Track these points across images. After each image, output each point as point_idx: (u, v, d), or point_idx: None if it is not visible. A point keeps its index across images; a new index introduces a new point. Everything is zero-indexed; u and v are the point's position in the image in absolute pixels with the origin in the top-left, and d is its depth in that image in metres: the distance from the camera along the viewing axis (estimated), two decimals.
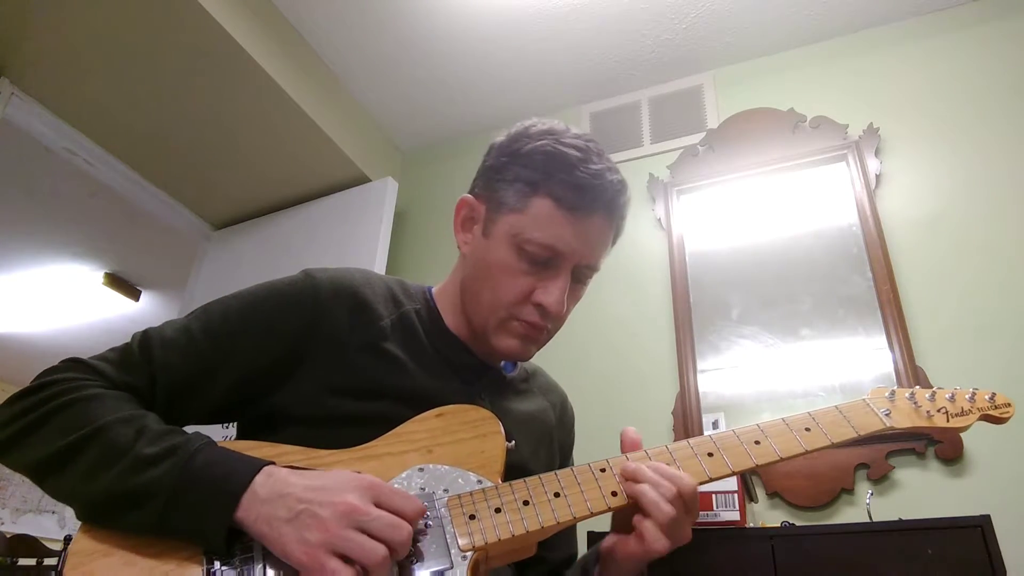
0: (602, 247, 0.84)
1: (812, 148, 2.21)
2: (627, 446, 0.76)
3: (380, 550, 0.57)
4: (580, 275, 0.84)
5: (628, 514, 0.70)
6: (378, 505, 0.60)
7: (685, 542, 0.70)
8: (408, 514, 0.60)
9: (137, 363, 0.74)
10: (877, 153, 2.12)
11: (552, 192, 0.79)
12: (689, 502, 0.68)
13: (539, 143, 0.81)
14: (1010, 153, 1.97)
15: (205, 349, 0.76)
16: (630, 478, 0.70)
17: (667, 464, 0.71)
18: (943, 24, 2.25)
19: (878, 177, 2.09)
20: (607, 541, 0.75)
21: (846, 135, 2.19)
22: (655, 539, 0.67)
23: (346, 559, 0.56)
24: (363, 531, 0.57)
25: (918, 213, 2.01)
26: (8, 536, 2.98)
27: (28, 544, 2.97)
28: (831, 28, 2.37)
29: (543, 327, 0.82)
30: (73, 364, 0.73)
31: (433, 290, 0.93)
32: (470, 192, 0.88)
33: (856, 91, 2.27)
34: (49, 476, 0.66)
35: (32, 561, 2.98)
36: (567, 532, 0.96)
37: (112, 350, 0.76)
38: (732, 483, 1.47)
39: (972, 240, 1.91)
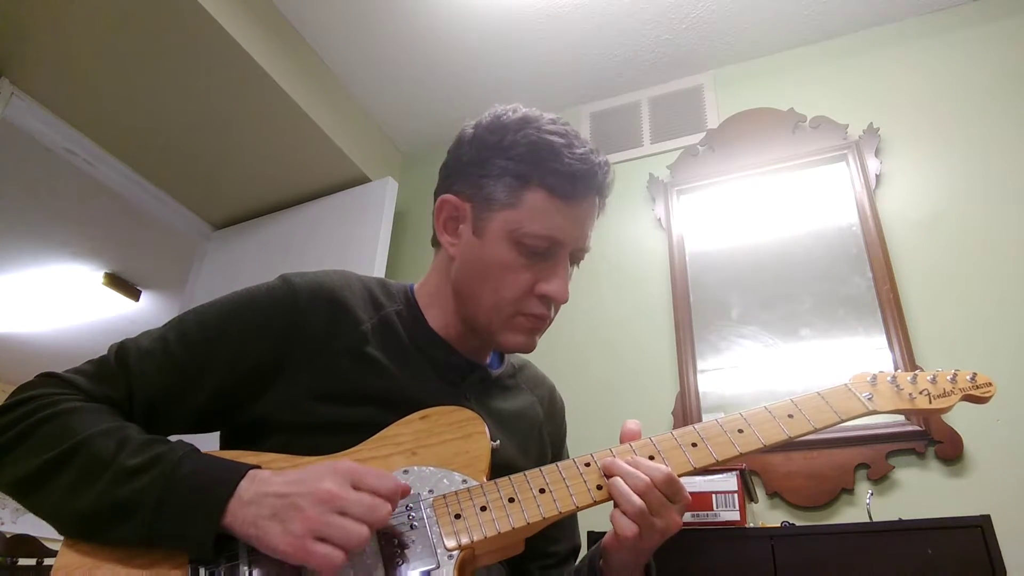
0: (592, 228, 0.85)
1: (812, 148, 2.21)
2: (625, 437, 0.76)
3: (362, 531, 0.58)
4: (575, 258, 0.85)
5: None
6: (356, 487, 0.60)
7: (674, 531, 0.69)
8: (384, 492, 0.61)
9: (114, 375, 0.73)
10: (877, 153, 2.12)
11: (544, 183, 0.78)
12: (667, 491, 0.68)
13: (520, 134, 0.80)
14: (1010, 153, 1.97)
15: (182, 358, 0.74)
16: (607, 473, 0.70)
17: (651, 456, 0.72)
18: (943, 24, 2.25)
19: (878, 177, 2.09)
20: (605, 538, 0.75)
21: (846, 135, 2.19)
22: (624, 527, 0.67)
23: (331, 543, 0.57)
24: (343, 514, 0.58)
25: (918, 213, 2.01)
26: (8, 536, 2.98)
27: (28, 544, 2.97)
28: (831, 28, 2.37)
29: (547, 317, 0.82)
30: (49, 379, 0.72)
31: (414, 288, 0.91)
32: (448, 191, 0.85)
33: (856, 91, 2.27)
34: (31, 493, 0.65)
35: (32, 561, 2.97)
36: (569, 524, 0.96)
37: (89, 363, 0.75)
38: (732, 483, 1.47)
39: (972, 240, 1.91)
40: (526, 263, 0.79)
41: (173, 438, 0.70)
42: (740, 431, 0.75)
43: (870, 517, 1.56)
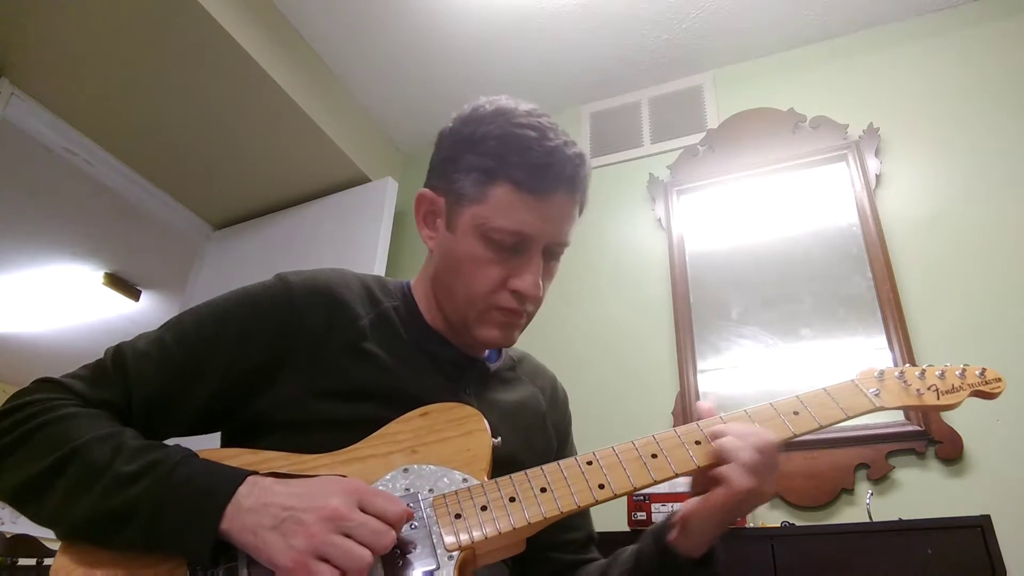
0: (569, 223, 0.82)
1: (812, 148, 2.21)
2: (703, 416, 0.76)
3: (365, 555, 0.56)
4: (551, 253, 0.82)
5: (707, 478, 0.70)
6: (363, 509, 0.59)
7: (770, 498, 0.70)
8: (392, 517, 0.60)
9: (111, 378, 0.72)
10: (877, 153, 2.12)
11: (510, 177, 0.77)
12: (773, 456, 0.69)
13: (490, 127, 0.79)
14: (1010, 153, 1.97)
15: (180, 360, 0.74)
16: (715, 436, 0.70)
17: (655, 454, 0.71)
18: (943, 24, 2.25)
19: (878, 177, 2.09)
20: (685, 506, 0.73)
21: (846, 135, 2.19)
22: (740, 479, 0.66)
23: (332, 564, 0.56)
24: (348, 536, 0.57)
25: (918, 213, 2.01)
26: (8, 536, 2.97)
27: (28, 544, 2.97)
28: (831, 28, 2.37)
29: (522, 312, 0.81)
30: (45, 384, 0.71)
31: (411, 284, 0.91)
32: (427, 186, 0.86)
33: (856, 91, 2.27)
34: (28, 501, 0.64)
35: (32, 561, 2.97)
36: (584, 514, 0.95)
37: (85, 367, 0.74)
38: None
39: (972, 240, 1.91)
40: (495, 258, 0.78)
41: (172, 440, 0.70)
42: None
43: (870, 517, 1.56)
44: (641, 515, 1.55)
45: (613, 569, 0.83)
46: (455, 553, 0.62)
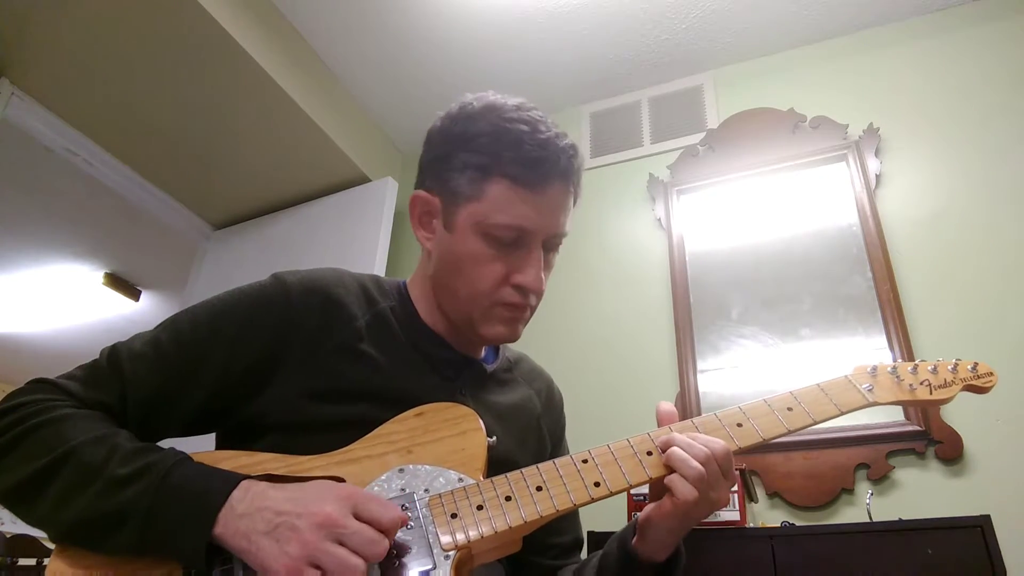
0: (565, 213, 0.82)
1: (812, 148, 2.21)
2: (664, 418, 0.76)
3: (358, 565, 0.56)
4: (550, 245, 0.83)
5: (660, 485, 0.71)
6: (357, 515, 0.59)
7: (722, 506, 0.72)
8: (386, 524, 0.59)
9: (107, 379, 0.72)
10: (877, 153, 2.12)
11: (506, 172, 0.77)
12: (723, 464, 0.69)
13: (481, 123, 0.79)
14: (1010, 153, 1.97)
15: (175, 360, 0.73)
16: (664, 446, 0.71)
17: (650, 452, 0.72)
18: (943, 24, 2.25)
19: (878, 177, 2.09)
20: (644, 512, 0.74)
21: (846, 135, 2.19)
22: (685, 491, 0.67)
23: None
24: (341, 543, 0.57)
25: (918, 213, 2.01)
26: (8, 536, 2.98)
27: (28, 544, 2.97)
28: (831, 28, 2.37)
29: (526, 306, 0.81)
30: (39, 385, 0.71)
31: (407, 283, 0.91)
32: (420, 187, 0.86)
33: (856, 91, 2.27)
34: (22, 503, 0.64)
35: (32, 561, 2.98)
36: (572, 517, 0.96)
37: (80, 367, 0.74)
38: None
39: (972, 240, 1.91)
40: (497, 254, 0.78)
41: (168, 442, 0.70)
42: (739, 425, 0.74)
43: (870, 517, 1.56)
44: None
45: (586, 570, 0.84)
46: (451, 553, 0.62)
